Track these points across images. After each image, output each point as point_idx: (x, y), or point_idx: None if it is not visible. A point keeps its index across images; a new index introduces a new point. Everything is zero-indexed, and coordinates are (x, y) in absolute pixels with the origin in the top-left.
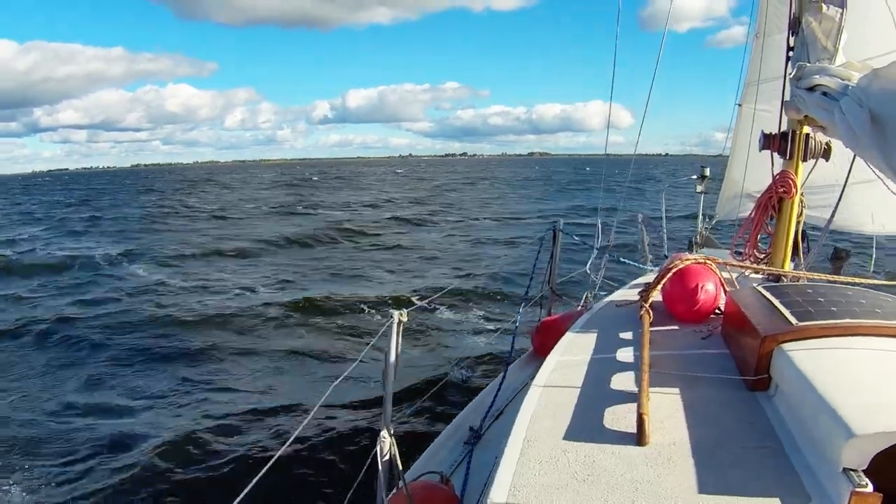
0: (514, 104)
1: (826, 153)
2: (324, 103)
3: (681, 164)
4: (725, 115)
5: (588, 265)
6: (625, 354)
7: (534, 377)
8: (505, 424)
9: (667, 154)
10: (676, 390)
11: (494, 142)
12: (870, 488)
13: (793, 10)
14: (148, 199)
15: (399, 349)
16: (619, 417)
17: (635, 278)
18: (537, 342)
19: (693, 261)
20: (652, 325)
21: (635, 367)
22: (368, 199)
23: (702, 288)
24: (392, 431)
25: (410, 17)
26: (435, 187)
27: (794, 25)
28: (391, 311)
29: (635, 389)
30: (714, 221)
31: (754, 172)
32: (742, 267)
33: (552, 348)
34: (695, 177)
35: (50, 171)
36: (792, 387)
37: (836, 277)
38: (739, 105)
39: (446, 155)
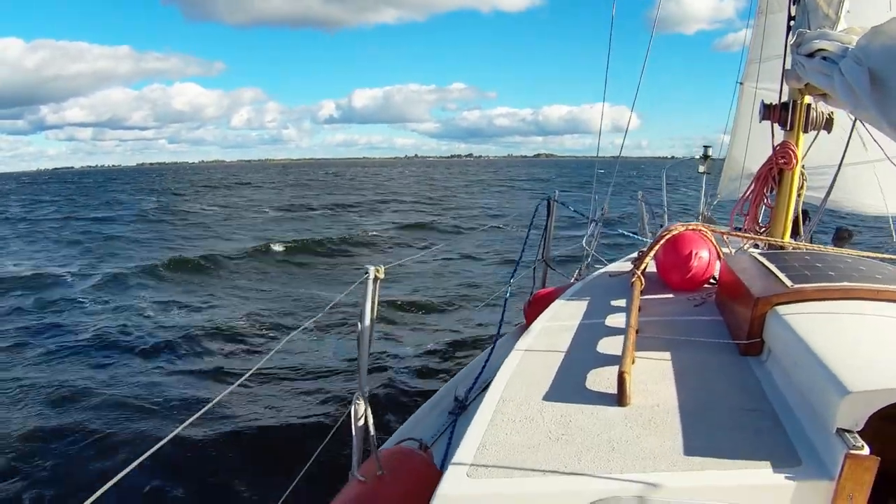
0: (520, 105)
1: (828, 124)
2: (329, 103)
3: (686, 167)
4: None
5: (584, 239)
6: (613, 320)
7: None
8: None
9: (672, 157)
10: (664, 354)
11: (500, 143)
12: (866, 451)
13: None
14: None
15: (376, 309)
16: (601, 379)
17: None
18: (530, 314)
19: (687, 228)
20: (644, 293)
21: (621, 332)
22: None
23: (695, 255)
24: (367, 395)
25: (417, 17)
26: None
27: None
28: (367, 265)
29: (618, 353)
30: (716, 201)
31: (756, 151)
32: (739, 237)
33: None
34: (697, 157)
35: (55, 168)
36: (785, 350)
37: (834, 250)
38: (741, 83)
39: (452, 156)
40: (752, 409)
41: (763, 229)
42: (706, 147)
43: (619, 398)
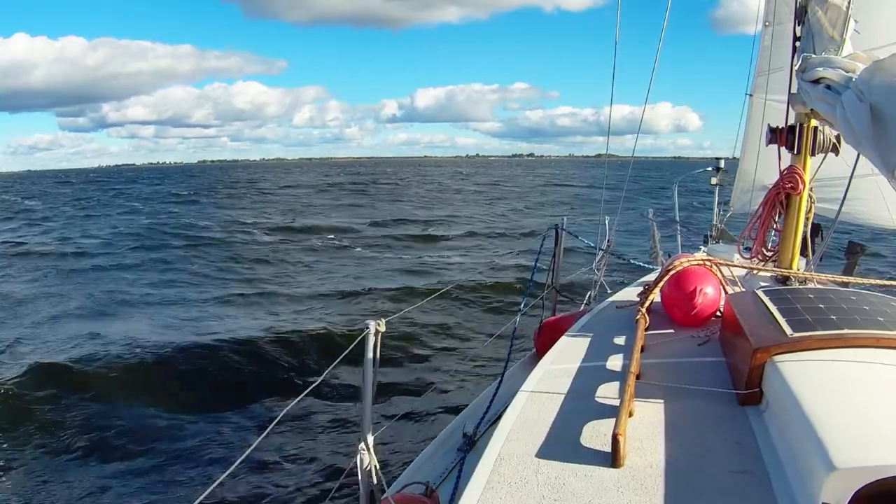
0: (582, 105)
1: (835, 147)
2: (392, 102)
3: (705, 179)
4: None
5: (594, 263)
6: (615, 362)
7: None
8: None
9: (734, 157)
10: (663, 403)
11: (562, 143)
12: None
13: (798, 0)
14: None
15: (377, 362)
16: (597, 435)
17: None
18: (539, 344)
19: (693, 262)
20: (650, 328)
21: (622, 376)
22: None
23: (700, 291)
24: (371, 443)
25: (480, 16)
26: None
27: (801, 14)
28: (367, 321)
29: (617, 402)
30: (728, 214)
31: (767, 164)
32: (745, 267)
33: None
34: (710, 168)
35: (117, 165)
36: (781, 404)
37: (843, 278)
38: (750, 95)
39: (513, 155)
40: (744, 472)
41: (772, 253)
42: (718, 159)
43: (613, 460)
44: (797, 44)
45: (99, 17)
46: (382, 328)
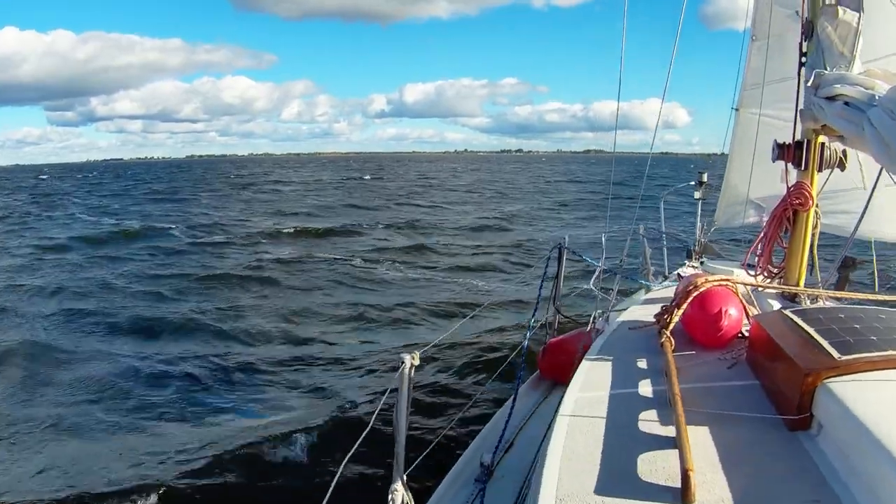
0: (571, 101)
1: (841, 163)
2: (381, 97)
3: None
4: None
5: (591, 281)
6: (647, 388)
7: (541, 403)
8: (516, 458)
9: (722, 153)
10: (710, 432)
11: (550, 139)
12: None
13: (805, 14)
14: None
15: (410, 394)
16: (656, 469)
17: (636, 293)
18: (544, 365)
19: (714, 282)
20: (672, 350)
21: (660, 402)
22: None
23: (725, 313)
24: (405, 481)
25: (470, 11)
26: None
27: (808, 30)
28: (402, 354)
29: (666, 432)
30: (713, 229)
31: (752, 178)
32: (763, 287)
33: (559, 371)
34: (692, 183)
35: (105, 160)
36: (841, 429)
37: (851, 295)
38: (736, 109)
39: (502, 151)
40: (816, 502)
41: (777, 270)
42: (701, 173)
43: (685, 497)
44: (804, 59)
45: (88, 11)
46: (417, 361)
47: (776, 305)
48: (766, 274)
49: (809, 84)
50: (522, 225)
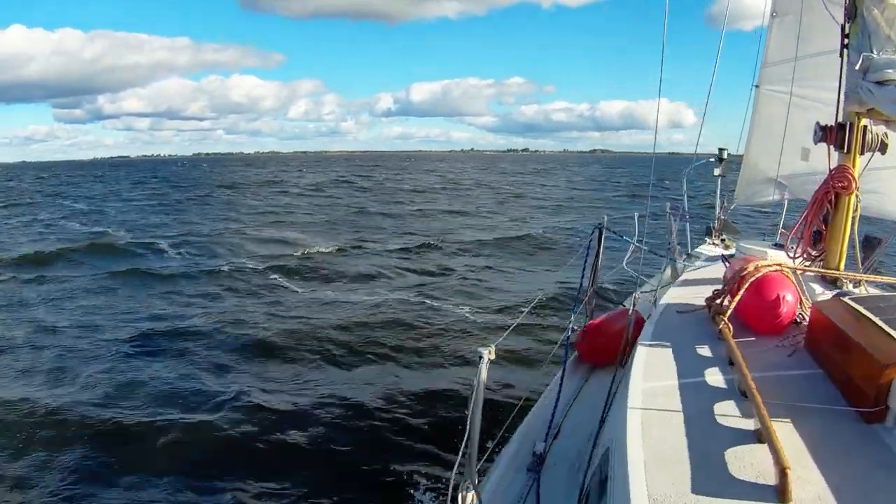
0: (578, 100)
1: (883, 146)
2: (387, 96)
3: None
4: None
5: (625, 261)
6: (715, 377)
7: (582, 387)
8: (565, 445)
9: (738, 154)
10: (788, 425)
11: (557, 138)
12: None
13: None
14: None
15: (484, 389)
16: (745, 465)
17: (664, 271)
18: (583, 348)
19: (769, 268)
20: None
21: (730, 392)
22: None
23: (783, 299)
24: (477, 484)
25: (478, 11)
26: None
27: (851, 11)
28: (479, 349)
29: (744, 425)
30: (733, 206)
31: (773, 156)
32: (813, 271)
33: (599, 354)
34: (712, 160)
35: (111, 157)
36: None
37: (885, 279)
38: (757, 87)
39: (508, 150)
40: None
41: (818, 254)
42: (721, 149)
43: (783, 496)
44: (847, 41)
45: (96, 10)
46: (493, 356)
47: (817, 288)
48: (805, 256)
49: (857, 68)
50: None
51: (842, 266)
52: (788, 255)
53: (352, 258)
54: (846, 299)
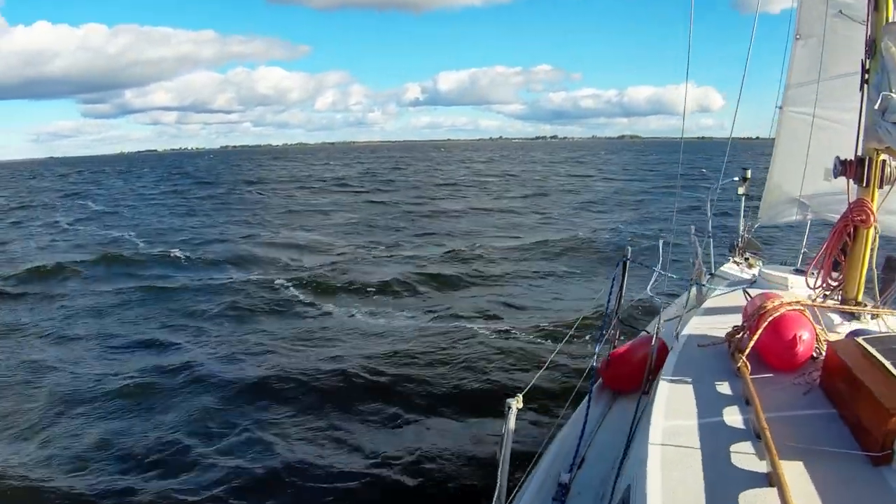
0: (605, 87)
1: None
2: (415, 86)
3: (767, 146)
4: None
5: (648, 287)
6: (733, 417)
7: (606, 414)
8: (590, 474)
9: (757, 137)
10: (800, 467)
11: (585, 124)
12: None
13: (869, 32)
14: None
15: (512, 438)
16: None
17: (688, 294)
18: (607, 376)
19: (786, 307)
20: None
21: (747, 433)
22: None
23: (799, 339)
24: None
25: None
26: None
27: (871, 48)
28: (508, 400)
29: (758, 467)
30: (756, 225)
31: (797, 177)
32: (843, 309)
33: (623, 382)
34: (736, 179)
35: (139, 151)
36: None
37: (892, 312)
38: (780, 108)
39: (536, 137)
40: None
41: (837, 284)
42: (745, 169)
43: None
44: (866, 76)
45: (120, 4)
46: (520, 405)
47: (835, 319)
48: (825, 286)
49: (876, 107)
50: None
51: (860, 296)
52: (808, 285)
53: (376, 268)
54: (860, 339)
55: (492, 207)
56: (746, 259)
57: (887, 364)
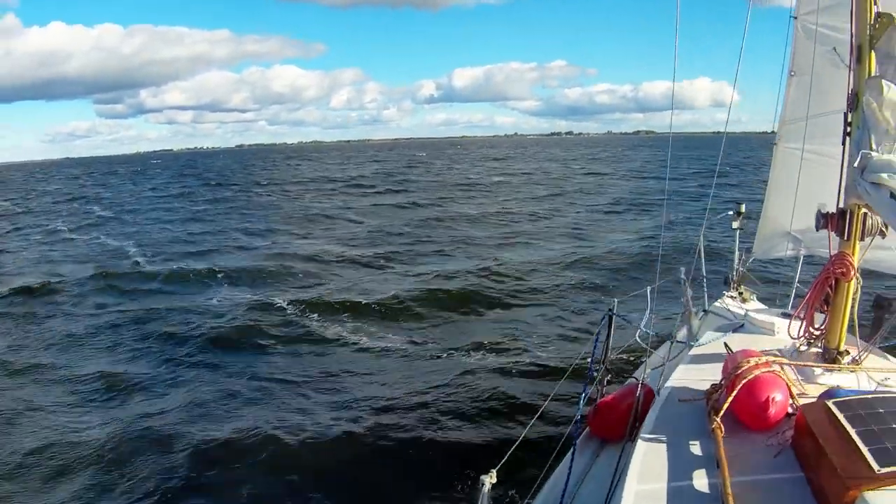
0: (621, 82)
1: (882, 232)
2: (430, 83)
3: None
4: None
5: (637, 334)
6: (702, 481)
7: (593, 464)
8: None
9: (772, 131)
10: None
11: (600, 120)
12: None
13: (851, 85)
14: None
15: None
16: None
17: (675, 335)
18: (594, 424)
19: (762, 368)
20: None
21: (714, 499)
22: None
23: (772, 401)
24: None
25: None
26: None
27: (853, 101)
28: (482, 477)
29: None
30: (751, 259)
31: (790, 211)
32: (811, 366)
33: (609, 430)
34: (731, 212)
35: (154, 151)
36: None
37: (888, 367)
38: (775, 144)
39: (552, 133)
40: None
41: (820, 333)
42: (738, 203)
43: None
44: (849, 129)
45: (134, 5)
46: (494, 480)
47: (816, 369)
48: (807, 336)
49: (856, 165)
50: None
51: (842, 345)
52: (790, 335)
53: (378, 286)
54: (830, 403)
55: (506, 211)
56: (741, 294)
57: (851, 432)
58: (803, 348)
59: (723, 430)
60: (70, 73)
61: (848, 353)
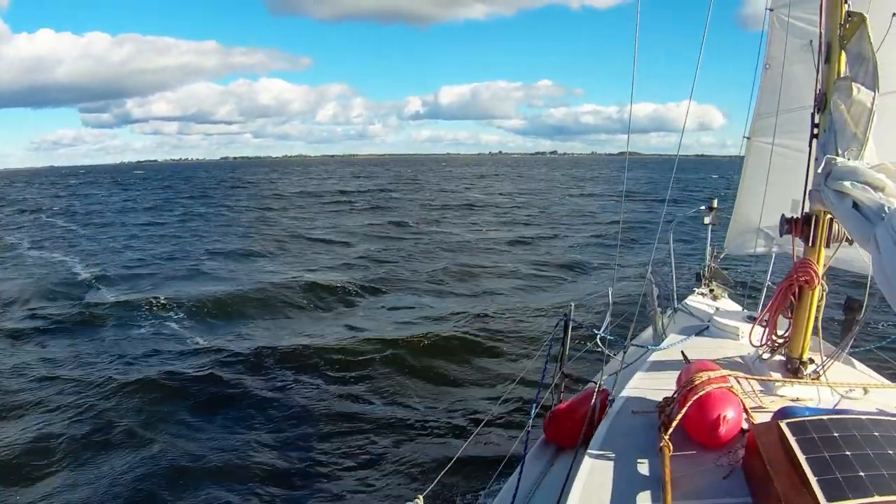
0: (606, 103)
1: (849, 239)
2: (416, 99)
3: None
4: None
5: (598, 337)
6: (645, 499)
7: (546, 472)
8: None
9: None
10: None
11: (585, 140)
12: None
13: (819, 86)
14: None
15: None
16: None
17: (643, 332)
18: (549, 431)
19: (715, 383)
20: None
21: None
22: None
23: (724, 419)
24: None
25: (507, 13)
26: None
27: (821, 102)
28: (407, 502)
29: None
30: (723, 255)
31: (763, 207)
32: (768, 380)
33: (565, 437)
34: (703, 207)
35: (139, 161)
36: None
37: (852, 383)
38: (748, 138)
39: (536, 153)
40: None
41: (783, 341)
42: (711, 199)
43: None
44: (815, 131)
45: (123, 13)
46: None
47: (778, 376)
48: (769, 344)
49: (819, 170)
50: None
51: (805, 354)
52: (752, 343)
53: (373, 324)
54: (783, 423)
55: (488, 238)
56: (712, 290)
57: (801, 459)
58: (766, 356)
59: (671, 448)
60: (57, 80)
61: (812, 361)
